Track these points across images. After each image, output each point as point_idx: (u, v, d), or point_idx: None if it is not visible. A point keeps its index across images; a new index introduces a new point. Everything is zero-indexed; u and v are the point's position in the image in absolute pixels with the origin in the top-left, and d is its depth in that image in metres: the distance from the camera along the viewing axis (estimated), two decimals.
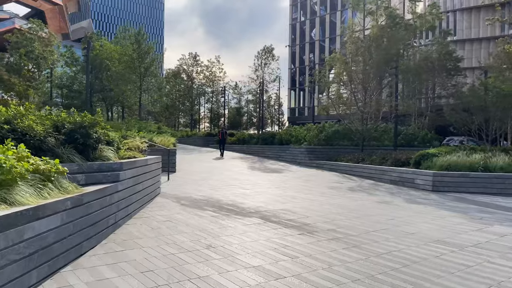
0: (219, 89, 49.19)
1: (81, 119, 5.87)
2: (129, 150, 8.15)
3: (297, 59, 73.89)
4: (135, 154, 8.25)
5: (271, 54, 37.52)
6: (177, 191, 10.48)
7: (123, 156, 7.60)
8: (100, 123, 6.15)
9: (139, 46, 32.52)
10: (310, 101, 72.26)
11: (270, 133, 29.60)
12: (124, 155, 7.63)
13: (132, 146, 8.64)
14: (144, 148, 9.22)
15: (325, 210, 8.50)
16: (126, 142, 8.24)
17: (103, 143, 6.28)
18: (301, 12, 75.09)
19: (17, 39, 36.75)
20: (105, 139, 6.31)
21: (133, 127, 21.00)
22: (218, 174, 15.45)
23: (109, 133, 6.88)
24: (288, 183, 13.49)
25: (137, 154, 8.38)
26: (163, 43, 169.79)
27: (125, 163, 6.43)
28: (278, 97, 49.29)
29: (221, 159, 23.66)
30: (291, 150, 23.85)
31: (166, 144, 16.12)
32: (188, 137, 41.22)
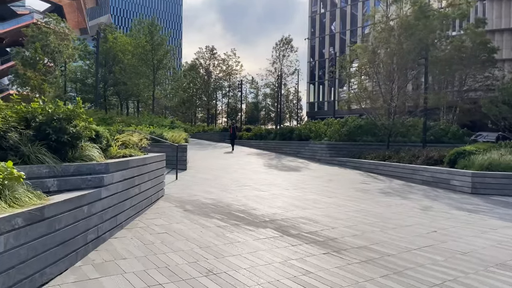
0: (236, 83, 48.03)
1: (54, 110, 4.75)
2: (124, 147, 7.05)
3: (316, 53, 72.02)
4: (132, 152, 7.14)
5: (290, 46, 36.02)
6: (184, 192, 9.36)
7: (116, 154, 6.50)
8: (80, 115, 5.03)
9: (152, 38, 31.57)
10: (329, 95, 70.47)
11: (288, 128, 28.30)
12: (117, 153, 6.53)
13: (130, 143, 7.53)
14: (144, 144, 8.09)
15: (353, 219, 7.22)
16: (119, 138, 7.11)
17: (84, 140, 5.17)
18: (320, 4, 73.10)
19: (32, 33, 36.42)
20: (88, 135, 5.18)
21: (145, 121, 20.06)
22: (231, 172, 14.29)
23: (97, 128, 5.76)
24: (308, 183, 12.23)
25: (135, 152, 7.28)
26: (181, 38, 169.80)
27: (112, 164, 5.31)
28: (296, 91, 47.82)
29: (232, 153, 23.20)
30: (310, 146, 22.52)
31: (177, 139, 15.08)
32: (204, 132, 40.34)
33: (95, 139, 5.68)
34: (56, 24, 39.29)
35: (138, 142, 7.73)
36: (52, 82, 34.22)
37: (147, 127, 16.86)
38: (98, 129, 5.76)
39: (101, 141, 5.75)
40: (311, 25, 73.51)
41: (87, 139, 5.27)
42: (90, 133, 5.17)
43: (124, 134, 7.68)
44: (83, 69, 34.82)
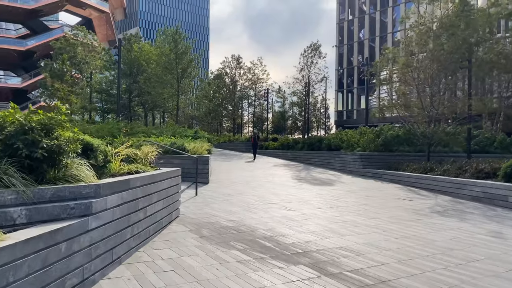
0: (262, 92, 47.03)
1: (26, 118, 3.72)
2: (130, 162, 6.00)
3: (344, 60, 70.37)
4: (140, 167, 6.09)
5: (318, 52, 34.69)
6: (202, 212, 8.24)
7: (118, 171, 5.45)
8: (62, 124, 3.98)
9: (176, 46, 31.02)
10: (358, 103, 68.53)
11: (317, 137, 26.91)
12: (119, 170, 5.48)
13: (139, 156, 6.48)
14: (153, 157, 7.02)
15: (404, 250, 5.87)
16: (120, 151, 6.05)
17: (71, 155, 4.11)
18: (348, 11, 71.61)
19: (60, 45, 36.78)
20: (73, 149, 4.12)
21: (168, 132, 19.21)
22: (257, 186, 13.11)
23: (89, 140, 4.72)
24: (343, 200, 10.87)
25: (143, 167, 6.22)
26: (208, 49, 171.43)
27: (106, 185, 4.23)
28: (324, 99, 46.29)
29: (255, 163, 22.82)
30: (341, 157, 21.07)
31: (198, 151, 14.06)
32: (230, 142, 39.41)
33: (88, 153, 4.64)
34: (84, 36, 39.63)
35: (146, 156, 6.66)
36: (79, 93, 34.26)
37: (169, 137, 15.96)
38: (91, 141, 4.71)
39: (95, 156, 4.70)
40: (338, 33, 72.02)
41: (73, 154, 4.21)
42: (75, 147, 4.11)
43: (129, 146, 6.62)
44: (108, 79, 34.72)
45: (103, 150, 4.94)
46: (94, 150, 4.68)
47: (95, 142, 4.74)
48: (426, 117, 18.40)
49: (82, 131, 17.52)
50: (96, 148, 4.71)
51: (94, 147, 4.67)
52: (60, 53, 35.05)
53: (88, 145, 4.60)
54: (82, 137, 4.59)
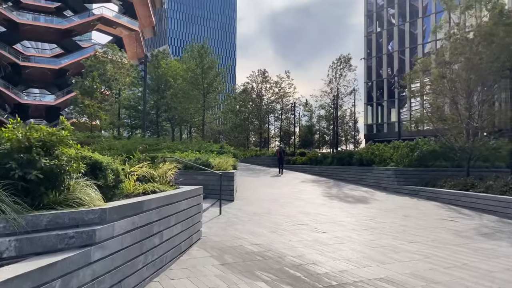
0: (289, 105, 46.45)
1: (25, 135, 3.27)
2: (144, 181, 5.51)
3: (373, 73, 69.08)
4: (157, 187, 5.59)
5: (348, 64, 33.83)
6: (226, 234, 7.65)
7: (133, 192, 4.96)
8: (64, 141, 3.52)
9: (202, 61, 31.02)
10: (389, 116, 66.86)
11: (347, 152, 25.99)
12: (134, 190, 4.99)
13: (156, 175, 5.99)
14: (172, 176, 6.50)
15: (458, 284, 5.06)
16: (135, 170, 5.57)
17: (70, 175, 3.63)
18: (376, 23, 70.57)
19: (91, 63, 37.65)
20: (76, 169, 3.64)
21: (193, 147, 18.87)
22: (285, 204, 12.43)
23: (97, 158, 4.25)
24: (379, 220, 10.04)
25: (161, 186, 5.72)
26: (235, 65, 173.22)
27: (113, 209, 3.72)
28: (353, 112, 45.23)
29: (281, 178, 22.63)
30: (374, 173, 20.10)
31: (223, 166, 13.56)
32: (256, 156, 38.94)
33: (97, 173, 4.16)
34: (113, 54, 40.44)
35: (164, 174, 6.17)
36: (108, 109, 34.75)
37: (194, 153, 15.58)
38: (99, 159, 4.24)
39: (105, 176, 4.22)
40: (367, 45, 70.93)
41: (78, 174, 3.73)
42: (78, 166, 3.63)
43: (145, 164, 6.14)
44: (136, 95, 35.14)
45: (115, 168, 4.47)
46: (103, 169, 4.21)
47: (105, 160, 4.27)
48: (464, 130, 17.30)
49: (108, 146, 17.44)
50: (105, 167, 4.23)
51: (103, 166, 4.20)
52: (90, 71, 35.84)
53: (97, 164, 4.13)
54: (90, 155, 4.13)
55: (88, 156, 4.08)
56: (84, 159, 3.97)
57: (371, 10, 71.26)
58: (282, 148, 28.86)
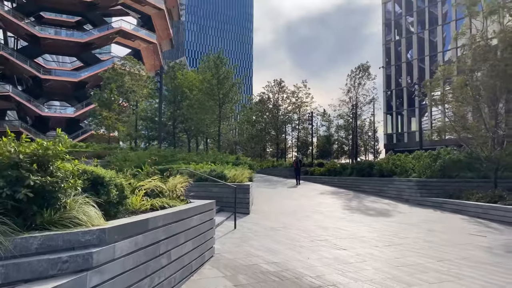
0: (306, 115, 45.98)
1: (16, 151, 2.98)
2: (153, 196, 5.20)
3: (392, 82, 68.08)
4: (166, 202, 5.27)
5: (367, 73, 33.16)
6: (240, 251, 7.26)
7: (139, 208, 4.65)
8: (60, 155, 3.22)
9: (217, 71, 30.99)
10: (409, 125, 65.60)
11: (367, 162, 25.30)
12: (141, 206, 4.68)
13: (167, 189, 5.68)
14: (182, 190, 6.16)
15: None
16: (143, 184, 5.26)
17: (66, 192, 3.32)
18: (395, 31, 69.73)
19: (109, 75, 38.10)
20: (73, 184, 3.34)
21: (209, 158, 18.61)
22: (303, 217, 11.96)
23: (98, 172, 3.95)
24: (403, 235, 9.49)
25: (170, 201, 5.40)
26: (252, 76, 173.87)
27: (112, 229, 3.39)
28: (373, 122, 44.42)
29: (298, 189, 22.38)
30: (395, 184, 19.42)
31: (239, 178, 13.22)
32: (273, 167, 38.52)
33: (98, 189, 3.86)
34: (131, 66, 40.87)
35: (174, 188, 5.84)
36: (125, 121, 34.96)
37: (209, 164, 15.29)
38: (101, 174, 3.93)
39: (107, 192, 3.91)
40: (385, 54, 70.09)
41: (76, 191, 3.43)
42: (74, 182, 3.33)
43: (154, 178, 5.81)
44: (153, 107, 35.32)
45: (118, 183, 4.16)
46: (106, 184, 3.90)
47: (107, 175, 3.97)
48: (489, 139, 16.56)
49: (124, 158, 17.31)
50: (107, 183, 3.93)
51: (105, 181, 3.90)
52: (108, 83, 36.22)
53: (98, 179, 3.83)
54: (91, 169, 3.83)
55: (89, 171, 3.79)
56: (84, 174, 3.67)
57: (389, 19, 70.54)
58: (298, 158, 28.63)
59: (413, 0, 67.45)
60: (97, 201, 3.72)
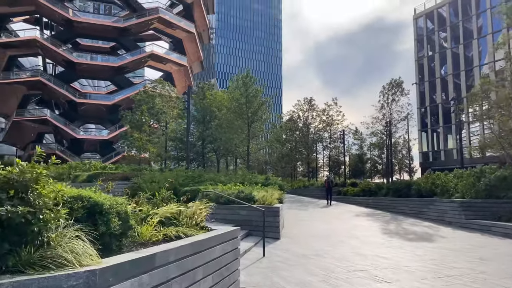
0: (337, 133, 44.87)
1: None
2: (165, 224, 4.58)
3: (426, 98, 65.98)
4: (183, 231, 4.64)
5: (401, 88, 31.95)
6: (269, 283, 6.49)
7: (150, 239, 4.03)
8: (40, 180, 2.66)
9: (246, 90, 30.74)
10: (445, 143, 63.03)
11: (404, 182, 23.96)
12: (151, 237, 4.07)
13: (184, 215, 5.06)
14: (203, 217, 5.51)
15: None
16: (158, 212, 4.64)
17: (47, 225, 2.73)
18: (428, 47, 67.95)
19: (140, 97, 38.64)
20: (56, 216, 2.75)
21: (237, 179, 18.01)
22: (337, 243, 11.04)
23: (96, 199, 3.36)
24: (451, 264, 8.42)
25: (187, 230, 4.76)
26: (281, 96, 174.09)
27: (106, 270, 2.76)
28: (407, 140, 42.70)
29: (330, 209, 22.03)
30: (436, 205, 18.11)
31: (268, 200, 12.49)
32: (304, 187, 37.50)
33: (96, 218, 3.27)
34: (161, 88, 41.41)
35: (193, 215, 5.21)
36: (156, 142, 35.11)
37: (237, 185, 14.67)
38: (99, 200, 3.35)
39: (106, 222, 3.31)
40: (418, 70, 68.25)
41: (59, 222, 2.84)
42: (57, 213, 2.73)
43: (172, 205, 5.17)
44: (183, 127, 35.38)
45: (123, 211, 3.57)
46: (105, 213, 3.32)
47: (107, 202, 3.38)
48: None
49: (151, 179, 16.97)
50: (107, 211, 3.34)
51: (105, 209, 3.31)
52: (139, 105, 36.68)
53: (96, 207, 3.25)
54: (88, 195, 3.26)
55: (86, 197, 3.22)
56: (78, 201, 3.11)
57: (421, 34, 68.95)
58: (330, 178, 28.23)
59: (446, 15, 65.78)
60: (94, 233, 3.13)
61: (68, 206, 2.99)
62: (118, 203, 3.53)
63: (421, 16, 69.58)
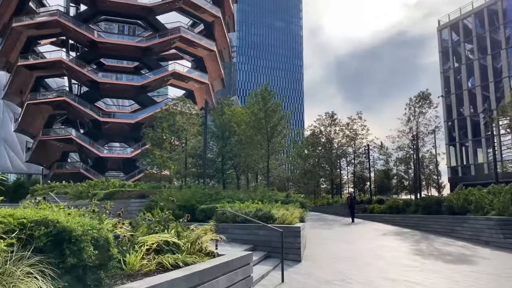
0: (361, 148, 43.59)
1: None
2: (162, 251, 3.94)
3: (453, 111, 63.89)
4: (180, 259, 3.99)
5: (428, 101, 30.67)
6: None
7: (140, 269, 3.40)
8: None
9: (265, 104, 30.21)
10: (475, 157, 60.64)
11: (434, 198, 22.63)
12: (140, 267, 3.43)
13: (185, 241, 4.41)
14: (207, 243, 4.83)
15: None
16: (147, 240, 4.00)
17: None
18: (453, 59, 66.16)
19: (161, 115, 38.73)
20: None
21: (256, 196, 17.28)
22: (363, 266, 10.12)
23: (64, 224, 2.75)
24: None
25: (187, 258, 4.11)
26: (303, 111, 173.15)
27: None
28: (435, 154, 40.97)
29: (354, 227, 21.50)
30: (470, 223, 16.86)
31: (288, 219, 11.73)
32: (328, 205, 36.39)
33: (63, 248, 2.66)
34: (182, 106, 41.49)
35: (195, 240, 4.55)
36: (176, 159, 34.87)
37: (254, 203, 13.97)
38: (69, 225, 2.73)
39: (77, 252, 2.69)
40: (444, 83, 66.37)
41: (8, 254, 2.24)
42: None
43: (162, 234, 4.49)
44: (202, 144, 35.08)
45: (102, 237, 2.95)
46: (77, 240, 2.70)
47: (79, 227, 2.77)
48: None
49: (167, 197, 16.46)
50: (79, 238, 2.72)
51: (75, 235, 2.70)
52: (160, 122, 36.70)
53: (64, 233, 2.64)
54: (56, 219, 2.66)
55: (52, 221, 2.62)
56: (40, 227, 2.51)
57: (446, 46, 67.32)
58: (352, 195, 28.22)
59: (471, 26, 64.08)
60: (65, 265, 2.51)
61: (27, 233, 2.39)
62: (95, 228, 2.92)
63: (445, 27, 68.12)
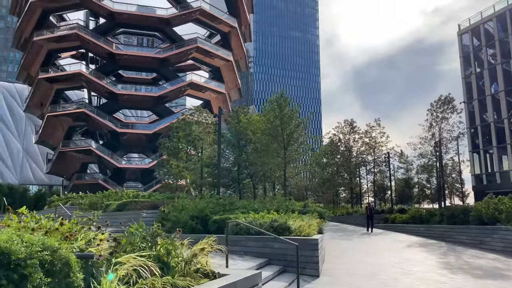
0: (381, 157, 42.39)
1: None
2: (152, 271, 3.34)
3: (476, 117, 61.84)
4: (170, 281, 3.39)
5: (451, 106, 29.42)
6: None
7: None
8: None
9: (281, 112, 29.61)
10: (500, 165, 58.44)
11: (460, 207, 21.48)
12: None
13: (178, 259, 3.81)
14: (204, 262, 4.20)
15: None
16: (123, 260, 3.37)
17: None
18: (475, 64, 64.29)
19: (178, 125, 38.57)
20: None
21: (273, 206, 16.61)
22: (388, 282, 9.30)
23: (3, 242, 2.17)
24: None
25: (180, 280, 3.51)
26: (321, 120, 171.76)
27: None
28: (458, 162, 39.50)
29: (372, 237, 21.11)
30: (501, 234, 15.79)
31: (305, 230, 11.05)
32: (348, 215, 35.32)
33: None
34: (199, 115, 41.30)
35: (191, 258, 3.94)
36: (192, 168, 34.52)
37: (270, 213, 13.30)
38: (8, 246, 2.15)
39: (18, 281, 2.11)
40: (466, 89, 64.46)
41: None
42: None
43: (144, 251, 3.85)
44: None
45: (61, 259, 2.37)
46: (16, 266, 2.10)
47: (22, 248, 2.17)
48: None
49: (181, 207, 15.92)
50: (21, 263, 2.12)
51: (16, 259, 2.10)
52: (176, 132, 36.53)
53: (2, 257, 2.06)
54: None
55: None
56: None
57: (467, 51, 65.50)
58: (370, 204, 28.24)
59: (493, 31, 62.25)
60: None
61: None
62: (50, 248, 2.34)
63: (466, 32, 66.40)
